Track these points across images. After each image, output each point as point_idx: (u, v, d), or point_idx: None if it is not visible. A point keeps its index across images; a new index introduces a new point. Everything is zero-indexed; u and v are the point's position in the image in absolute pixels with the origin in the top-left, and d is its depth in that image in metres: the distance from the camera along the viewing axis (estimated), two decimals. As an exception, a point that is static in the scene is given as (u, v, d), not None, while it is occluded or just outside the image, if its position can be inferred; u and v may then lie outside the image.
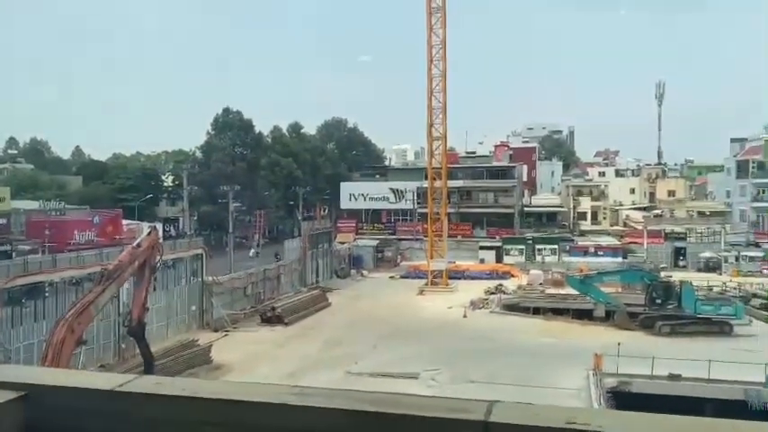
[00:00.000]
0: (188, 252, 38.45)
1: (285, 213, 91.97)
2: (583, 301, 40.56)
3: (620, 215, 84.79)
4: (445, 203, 55.07)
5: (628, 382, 26.01)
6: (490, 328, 37.09)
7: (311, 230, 55.82)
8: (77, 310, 20.59)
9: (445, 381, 26.82)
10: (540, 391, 24.83)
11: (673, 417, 1.36)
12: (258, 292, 44.20)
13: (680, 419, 1.34)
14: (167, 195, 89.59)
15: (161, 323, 34.31)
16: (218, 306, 38.74)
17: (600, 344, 29.64)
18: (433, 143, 53.39)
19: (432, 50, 50.84)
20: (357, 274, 60.39)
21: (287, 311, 39.58)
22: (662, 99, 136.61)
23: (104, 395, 1.59)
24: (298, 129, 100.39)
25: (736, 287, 47.45)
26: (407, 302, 45.95)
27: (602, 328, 36.99)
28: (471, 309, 42.63)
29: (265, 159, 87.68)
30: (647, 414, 1.37)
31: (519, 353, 30.73)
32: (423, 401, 1.49)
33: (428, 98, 51.72)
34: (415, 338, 34.15)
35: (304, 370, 28.65)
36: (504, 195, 74.52)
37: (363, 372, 28.26)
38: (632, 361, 25.97)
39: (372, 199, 76.36)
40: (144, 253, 23.66)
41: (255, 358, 31.03)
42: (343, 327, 38.03)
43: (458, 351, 31.20)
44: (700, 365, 25.41)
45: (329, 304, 44.69)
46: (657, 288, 38.01)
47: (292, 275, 50.28)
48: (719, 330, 35.08)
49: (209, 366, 29.88)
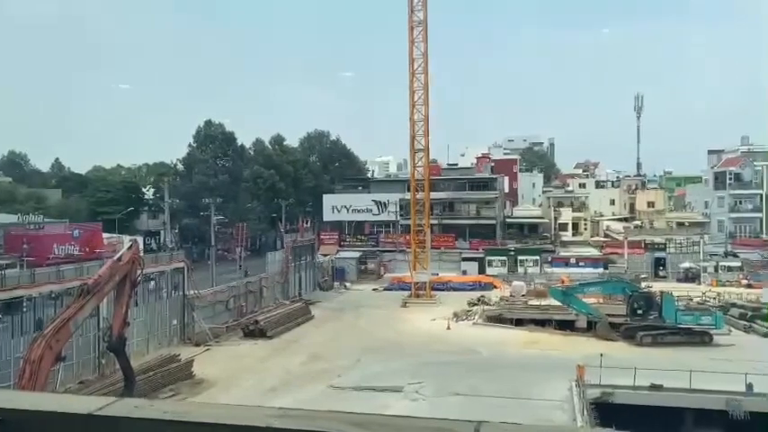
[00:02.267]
0: (169, 265, 38.05)
1: (268, 226, 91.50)
2: (565, 312, 40.77)
3: (601, 226, 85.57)
4: (428, 215, 55.17)
5: (610, 393, 26.11)
6: (473, 340, 37.10)
7: (294, 243, 55.58)
8: (56, 326, 20.25)
9: (429, 394, 26.71)
10: (524, 403, 24.83)
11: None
12: (240, 305, 43.84)
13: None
14: (148, 208, 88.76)
15: (142, 338, 33.86)
16: (199, 320, 38.33)
17: (582, 355, 29.81)
18: (416, 155, 53.55)
19: (413, 64, 51.14)
20: (340, 287, 60.19)
21: (269, 325, 39.28)
22: (640, 112, 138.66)
23: (82, 419, 1.55)
24: (280, 141, 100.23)
25: (716, 297, 47.99)
26: (391, 315, 45.85)
27: (584, 338, 37.19)
28: (455, 321, 42.64)
29: (248, 172, 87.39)
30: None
31: (502, 365, 30.77)
32: (410, 422, 1.48)
33: (410, 111, 51.95)
34: (398, 351, 34.05)
35: (287, 384, 28.40)
36: (486, 207, 74.93)
37: (347, 386, 28.08)
38: (614, 372, 26.10)
39: (355, 211, 76.35)
40: (124, 267, 23.39)
41: (238, 373, 30.71)
42: (326, 340, 37.82)
43: (442, 364, 31.14)
44: (681, 375, 25.59)
45: (312, 317, 44.46)
46: (638, 299, 38.30)
47: (275, 288, 49.97)
48: (700, 340, 35.41)
49: (190, 381, 29.49)
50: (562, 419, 23.04)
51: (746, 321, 39.88)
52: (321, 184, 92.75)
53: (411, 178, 55.51)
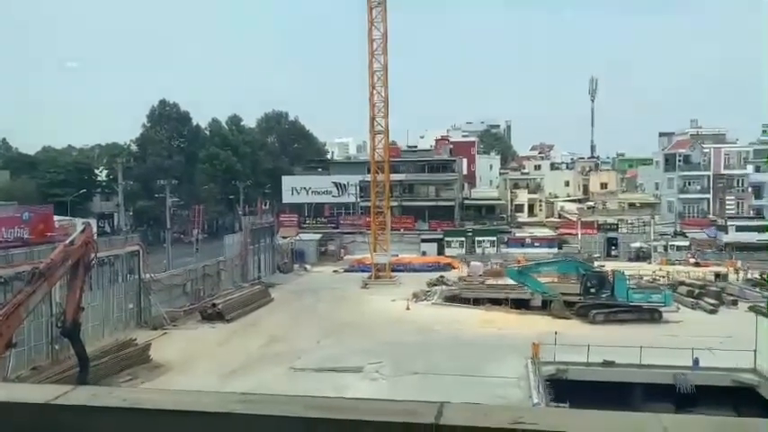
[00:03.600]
0: (124, 249, 37.25)
1: (225, 208, 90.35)
2: (521, 291, 41.57)
3: (556, 207, 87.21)
4: (388, 197, 55.27)
5: (564, 370, 26.83)
6: (432, 319, 37.55)
7: (252, 225, 55.03)
8: (6, 311, 19.69)
9: (389, 373, 26.99)
10: (482, 381, 25.33)
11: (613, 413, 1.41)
12: (198, 288, 43.30)
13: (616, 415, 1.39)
14: (101, 190, 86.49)
15: (97, 323, 33.16)
16: (156, 304, 37.73)
17: (537, 333, 30.49)
18: (376, 137, 53.44)
19: (373, 44, 50.81)
20: (300, 269, 59.99)
21: (228, 308, 38.93)
22: (594, 95, 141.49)
23: (39, 409, 1.51)
24: (237, 121, 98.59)
25: (665, 276, 49.57)
26: (351, 296, 45.98)
27: (539, 317, 38.00)
28: (414, 301, 43.04)
29: (204, 153, 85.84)
30: (592, 411, 1.41)
31: (460, 344, 31.25)
32: (374, 405, 1.49)
33: (370, 92, 51.71)
34: (358, 332, 34.22)
35: (246, 367, 28.27)
36: (445, 189, 75.48)
37: (307, 367, 28.14)
38: (568, 349, 26.80)
39: (315, 193, 75.89)
40: (77, 251, 22.82)
41: (196, 356, 30.42)
42: (286, 322, 37.72)
43: (401, 343, 31.44)
44: (632, 352, 26.46)
45: (272, 300, 44.23)
46: (591, 278, 39.28)
47: (233, 271, 49.47)
48: (650, 318, 36.54)
49: (148, 366, 29.08)
50: (518, 396, 23.59)
51: (694, 298, 41.32)
52: (280, 165, 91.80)
53: (371, 160, 55.44)
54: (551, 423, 1.36)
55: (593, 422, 1.35)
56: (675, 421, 1.32)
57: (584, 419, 1.37)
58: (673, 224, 72.76)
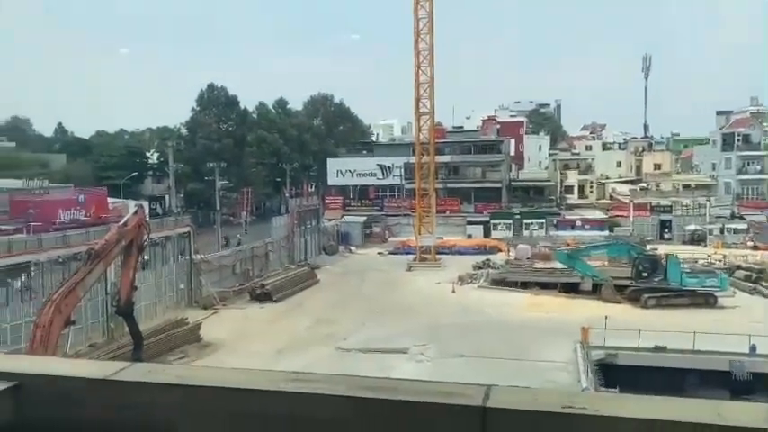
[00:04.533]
0: (175, 230, 38.26)
1: (272, 190, 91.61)
2: (570, 275, 40.93)
3: (607, 189, 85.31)
4: (433, 179, 55.01)
5: (614, 355, 26.40)
6: (478, 302, 37.39)
7: (299, 207, 55.67)
8: (65, 290, 20.49)
9: (434, 355, 27.06)
10: (529, 365, 25.16)
11: (667, 398, 1.37)
12: (247, 269, 44.16)
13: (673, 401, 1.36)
14: (153, 173, 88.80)
15: (150, 301, 34.22)
16: (206, 284, 38.69)
17: (587, 317, 30.01)
18: (421, 118, 53.15)
19: (419, 24, 50.36)
20: (345, 251, 60.45)
21: (276, 289, 39.63)
22: (648, 72, 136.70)
23: (97, 384, 1.57)
24: (283, 105, 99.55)
25: (721, 259, 48.04)
26: (396, 278, 46.14)
27: (589, 301, 37.41)
28: (459, 284, 42.90)
29: (251, 136, 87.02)
30: (644, 396, 1.38)
31: (507, 327, 31.04)
32: (420, 386, 1.49)
33: (415, 72, 51.36)
34: (403, 314, 34.35)
35: (294, 346, 28.78)
36: (491, 170, 74.59)
37: (353, 348, 28.45)
38: (619, 333, 26.33)
39: (360, 175, 76.17)
40: (131, 232, 23.51)
41: (245, 335, 31.12)
42: (331, 303, 38.17)
43: (446, 326, 31.44)
44: (685, 337, 25.80)
45: (318, 281, 44.79)
46: (644, 261, 38.42)
47: (280, 253, 50.24)
48: (704, 302, 35.57)
49: (198, 344, 29.92)
50: (566, 380, 23.35)
51: (751, 283, 39.98)
52: (325, 148, 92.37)
53: (416, 142, 55.23)
54: (602, 407, 1.33)
55: (645, 407, 1.32)
56: (731, 408, 1.28)
57: (635, 404, 1.34)
58: (730, 206, 70.28)
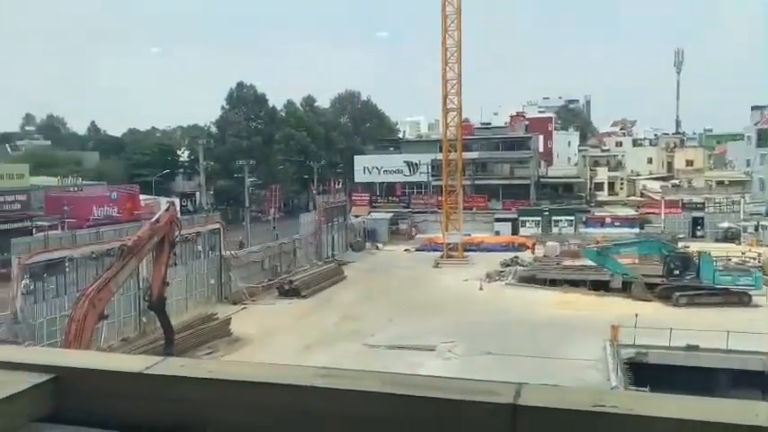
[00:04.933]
0: (206, 227, 38.77)
1: (300, 187, 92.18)
2: (599, 273, 40.42)
3: (638, 185, 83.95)
4: (460, 175, 54.75)
5: (644, 353, 26.01)
6: (506, 300, 37.17)
7: (326, 204, 55.92)
8: (98, 285, 20.91)
9: (462, 353, 27.00)
10: (557, 363, 24.93)
11: (702, 398, 1.35)
12: (275, 265, 44.55)
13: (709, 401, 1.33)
14: (183, 170, 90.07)
15: (180, 297, 34.75)
16: (236, 279, 39.14)
17: (617, 315, 29.60)
18: (448, 115, 52.93)
19: (446, 20, 50.13)
20: (372, 248, 60.55)
21: (303, 284, 39.91)
22: (680, 67, 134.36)
23: (132, 377, 1.60)
24: (311, 102, 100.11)
25: (756, 257, 46.95)
26: (423, 275, 46.07)
27: (619, 299, 36.89)
28: (487, 281, 42.66)
29: (279, 133, 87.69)
30: (677, 396, 1.36)
31: (535, 325, 30.79)
32: (450, 383, 1.49)
33: (443, 69, 51.16)
34: (430, 311, 34.30)
35: (322, 342, 28.96)
36: (519, 166, 73.94)
37: (380, 344, 28.52)
38: (649, 332, 25.92)
39: (386, 172, 76.16)
40: (163, 228, 23.88)
41: (274, 331, 31.40)
42: (358, 299, 38.30)
43: (474, 323, 31.32)
44: (718, 336, 25.29)
45: (345, 277, 44.97)
46: (675, 259, 37.79)
47: (308, 249, 50.55)
48: (738, 301, 34.85)
49: (228, 339, 30.28)
50: (596, 378, 23.10)
51: (787, 282, 39.01)
52: (352, 145, 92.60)
53: (443, 138, 55.00)
54: (633, 406, 1.32)
55: (679, 407, 1.30)
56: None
57: (669, 403, 1.32)
58: (765, 203, 68.57)
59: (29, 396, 1.55)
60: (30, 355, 1.74)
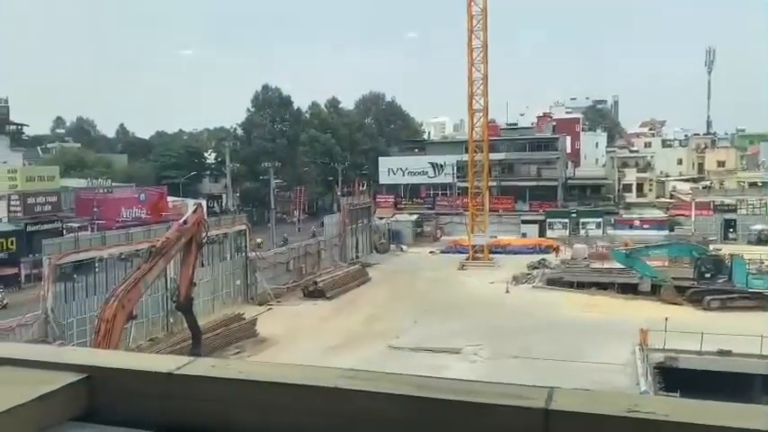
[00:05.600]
0: (232, 228, 39.14)
1: (324, 189, 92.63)
2: (628, 276, 39.84)
3: (667, 187, 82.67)
4: (486, 177, 54.45)
5: (675, 358, 25.56)
6: (533, 303, 36.83)
7: (350, 206, 56.05)
8: (127, 286, 21.20)
9: (488, 356, 26.81)
10: (585, 366, 24.63)
11: (739, 405, 1.31)
12: (300, 266, 44.79)
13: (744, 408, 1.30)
14: (210, 172, 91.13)
15: (207, 297, 35.13)
16: (261, 280, 39.44)
17: (646, 319, 29.10)
18: (474, 115, 52.67)
19: (472, 21, 49.92)
20: (396, 249, 60.52)
21: (328, 286, 40.04)
22: (711, 66, 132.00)
23: (163, 378, 1.61)
24: (335, 104, 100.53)
25: (790, 260, 45.85)
26: (448, 277, 45.88)
27: (648, 302, 36.32)
28: (514, 284, 42.32)
29: (304, 135, 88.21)
30: (716, 403, 1.32)
31: (563, 328, 30.45)
32: (480, 386, 1.47)
33: (468, 69, 50.93)
34: (456, 313, 34.12)
35: (347, 343, 29.01)
36: (546, 168, 73.25)
37: (405, 346, 28.46)
38: (680, 336, 25.46)
39: (411, 173, 76.04)
40: (190, 229, 24.13)
41: (299, 332, 31.56)
42: (383, 301, 38.29)
43: (500, 326, 31.07)
44: (750, 341, 24.72)
45: (369, 279, 45.00)
46: (706, 262, 37.13)
47: (332, 250, 50.71)
48: (772, 305, 34.08)
49: (254, 340, 30.52)
50: (624, 383, 22.76)
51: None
52: (377, 146, 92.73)
53: (469, 139, 54.74)
54: (669, 412, 1.28)
55: (717, 413, 1.26)
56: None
57: (706, 410, 1.28)
58: (799, 205, 66.97)
59: (63, 395, 1.57)
60: (62, 355, 1.76)
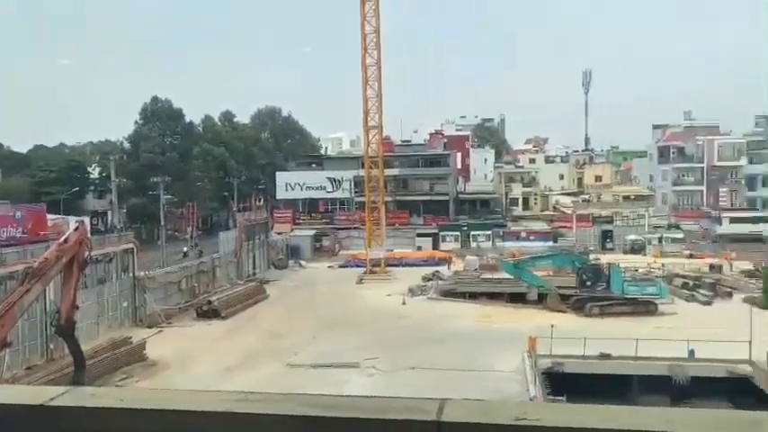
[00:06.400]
0: (118, 247, 37.15)
1: (219, 204, 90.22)
2: (517, 285, 41.64)
3: (551, 200, 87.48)
4: (382, 192, 55.22)
5: (561, 363, 26.87)
6: (428, 314, 37.57)
7: (247, 221, 54.93)
8: (0, 311, 19.56)
9: (385, 368, 27.00)
10: (478, 375, 25.37)
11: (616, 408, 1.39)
12: (193, 285, 43.22)
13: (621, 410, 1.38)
14: (94, 188, 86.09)
15: (91, 321, 33.05)
16: (151, 302, 37.66)
17: (534, 326, 30.52)
18: (369, 132, 53.35)
19: (366, 39, 50.68)
20: (295, 265, 59.92)
21: (223, 305, 38.89)
22: (589, 87, 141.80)
23: (33, 411, 1.49)
24: (230, 117, 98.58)
25: (660, 268, 49.74)
26: (346, 292, 45.93)
27: (535, 310, 38.08)
28: (410, 296, 43.04)
29: (197, 149, 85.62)
30: (598, 406, 1.39)
31: (457, 338, 31.28)
32: (374, 402, 1.46)
33: (363, 87, 51.61)
34: (354, 328, 34.20)
35: (243, 364, 28.25)
36: (439, 183, 75.53)
37: (304, 363, 28.13)
38: (565, 342, 26.84)
39: (309, 188, 75.80)
40: (71, 249, 22.63)
41: (192, 353, 30.37)
42: (281, 318, 37.70)
43: (397, 338, 31.46)
44: (628, 344, 26.52)
45: (267, 296, 44.20)
46: (587, 271, 39.40)
47: (228, 268, 49.40)
48: (645, 310, 36.62)
49: (143, 364, 29.03)
50: (515, 390, 23.65)
51: (688, 291, 41.47)
52: (274, 161, 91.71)
53: (365, 155, 55.35)
54: (555, 419, 1.34)
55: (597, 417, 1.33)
56: (681, 415, 1.30)
57: (588, 414, 1.35)
58: (667, 216, 73.03)
59: None
60: None
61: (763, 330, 26.80)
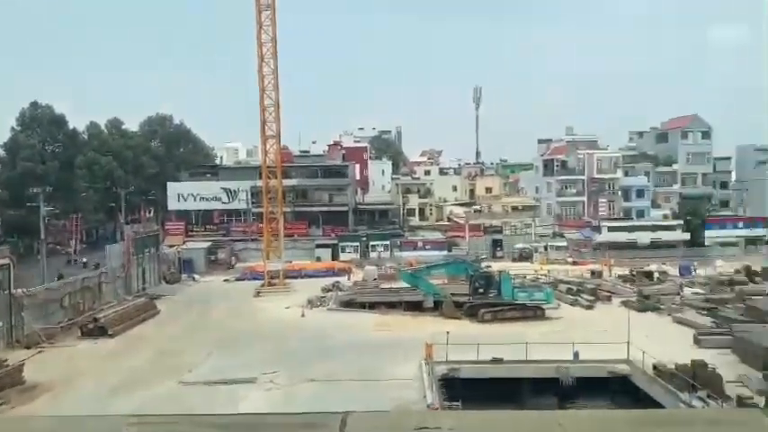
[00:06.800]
0: (-10, 262, 34.27)
1: (106, 216, 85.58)
2: (414, 294, 42.41)
3: (445, 211, 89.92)
4: (281, 202, 54.50)
5: (456, 369, 27.60)
6: (328, 325, 37.42)
7: (136, 234, 52.40)
8: None
9: (284, 382, 26.58)
10: (377, 384, 25.54)
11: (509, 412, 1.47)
12: (77, 302, 40.61)
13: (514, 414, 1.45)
14: (-36, 199, 79.02)
15: (-42, 344, 30.24)
16: (29, 320, 34.98)
17: (430, 333, 31.16)
18: (267, 141, 52.57)
19: (262, 48, 50.03)
20: (188, 279, 57.86)
21: (110, 322, 36.82)
22: (479, 102, 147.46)
23: None
24: (118, 125, 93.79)
25: (546, 274, 52.37)
26: (243, 305, 44.87)
27: (432, 318, 38.89)
28: (309, 307, 42.70)
29: (82, 158, 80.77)
30: (492, 412, 1.46)
31: (356, 348, 31.36)
32: (275, 419, 1.45)
33: (260, 96, 50.83)
34: (252, 342, 33.46)
35: (132, 384, 26.81)
36: (338, 194, 75.68)
37: (198, 380, 27.13)
38: (460, 348, 27.61)
39: (203, 199, 73.43)
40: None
41: (76, 375, 28.48)
42: (173, 335, 36.21)
43: (296, 351, 31.11)
44: (518, 348, 27.69)
45: (158, 312, 42.32)
46: (479, 278, 40.78)
47: (115, 283, 46.85)
48: (534, 315, 38.35)
49: (21, 388, 26.87)
50: (413, 397, 24.00)
51: (572, 296, 43.93)
52: (165, 171, 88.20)
53: (263, 165, 54.45)
54: (453, 425, 1.39)
55: (492, 422, 1.40)
56: (569, 417, 1.39)
57: (484, 420, 1.41)
58: (552, 226, 77.09)
59: None
60: None
61: (639, 332, 28.95)
